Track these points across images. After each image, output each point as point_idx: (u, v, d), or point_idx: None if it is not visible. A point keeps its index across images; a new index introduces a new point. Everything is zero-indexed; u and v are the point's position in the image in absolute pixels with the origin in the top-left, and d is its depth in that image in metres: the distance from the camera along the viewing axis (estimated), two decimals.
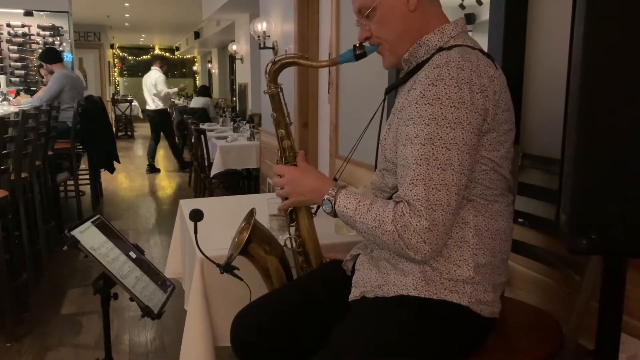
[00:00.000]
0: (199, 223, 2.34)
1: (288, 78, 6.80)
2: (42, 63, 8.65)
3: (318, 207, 2.21)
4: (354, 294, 2.09)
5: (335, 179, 2.35)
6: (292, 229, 2.43)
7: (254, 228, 2.35)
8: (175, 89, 14.65)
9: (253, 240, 2.35)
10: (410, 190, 1.78)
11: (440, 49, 1.93)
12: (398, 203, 1.83)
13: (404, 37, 2.01)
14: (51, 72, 8.32)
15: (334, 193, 2.03)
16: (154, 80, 12.48)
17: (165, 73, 12.85)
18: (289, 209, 2.37)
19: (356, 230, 1.97)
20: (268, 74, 2.30)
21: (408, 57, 2.03)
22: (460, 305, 1.89)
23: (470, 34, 2.04)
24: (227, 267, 2.30)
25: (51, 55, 8.50)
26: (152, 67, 12.77)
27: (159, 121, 12.35)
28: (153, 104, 12.62)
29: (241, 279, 2.32)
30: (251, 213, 2.44)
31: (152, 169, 12.71)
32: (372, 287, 2.02)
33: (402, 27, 2.01)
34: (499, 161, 1.90)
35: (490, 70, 1.86)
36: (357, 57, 2.14)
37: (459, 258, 1.89)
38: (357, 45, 2.12)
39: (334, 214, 2.04)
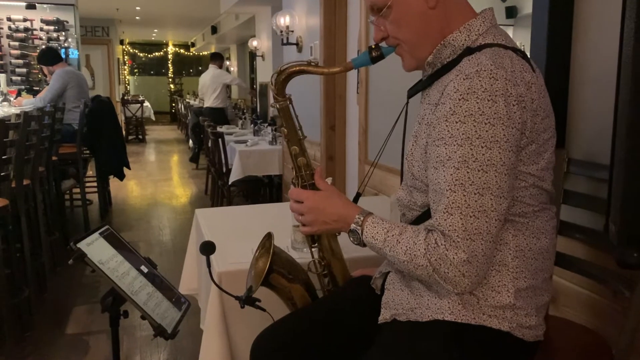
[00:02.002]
0: (217, 228, 2.34)
1: (313, 76, 6.81)
2: (41, 66, 8.68)
3: None
4: (384, 316, 2.08)
5: (359, 194, 2.35)
6: (315, 251, 2.43)
7: (274, 256, 2.33)
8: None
9: (274, 269, 2.33)
10: (445, 220, 1.74)
11: (468, 49, 1.88)
12: (430, 232, 1.80)
13: (424, 37, 1.96)
14: (52, 73, 8.31)
15: (360, 221, 2.00)
16: (214, 76, 12.92)
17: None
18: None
19: (387, 261, 1.96)
20: (275, 85, 2.28)
21: (432, 59, 1.98)
22: (500, 331, 1.86)
23: (511, 29, 2.02)
24: (247, 300, 2.27)
25: (50, 56, 8.47)
26: (210, 65, 13.12)
27: (214, 120, 12.33)
28: (211, 101, 12.99)
29: (264, 310, 2.30)
30: (269, 237, 2.42)
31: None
32: (403, 310, 2.01)
33: (421, 26, 1.95)
34: (539, 174, 1.86)
35: (526, 75, 1.80)
36: (374, 60, 2.11)
37: (497, 283, 1.86)
38: (373, 46, 2.10)
39: (362, 244, 2.02)
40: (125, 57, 29.35)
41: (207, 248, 2.37)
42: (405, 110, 2.23)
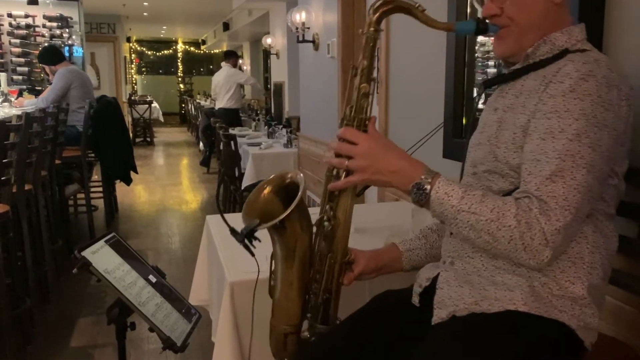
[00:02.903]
0: (229, 236, 2.26)
1: (330, 74, 6.81)
2: (43, 66, 8.69)
3: (364, 188, 2.17)
4: (439, 315, 2.08)
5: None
6: (328, 207, 2.24)
7: (301, 200, 2.19)
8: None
9: (297, 210, 2.18)
10: (547, 186, 1.79)
11: (567, 51, 1.98)
12: (521, 198, 1.83)
13: (537, 27, 2.05)
14: (54, 73, 8.29)
15: (430, 177, 1.93)
16: (228, 75, 13.00)
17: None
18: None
19: (454, 223, 1.90)
20: (374, 11, 2.13)
21: (531, 51, 2.06)
22: (568, 329, 1.91)
23: None
24: (249, 234, 2.14)
25: (52, 56, 8.46)
26: (223, 64, 13.20)
27: (228, 121, 12.30)
28: (224, 101, 13.03)
29: (252, 255, 2.19)
30: (288, 175, 2.34)
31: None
32: (465, 305, 2.01)
33: (540, 15, 2.04)
34: (621, 177, 1.97)
35: (627, 81, 1.91)
36: (478, 32, 2.12)
37: (573, 275, 1.92)
38: (481, 18, 2.11)
39: (425, 202, 1.95)
40: (133, 55, 29.44)
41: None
42: (482, 100, 2.27)
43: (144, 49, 30.96)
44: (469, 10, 3.82)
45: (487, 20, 2.10)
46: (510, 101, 2.05)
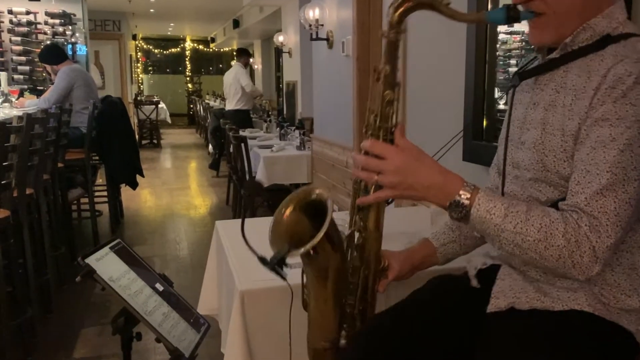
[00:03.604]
0: (239, 242, 2.24)
1: (345, 73, 6.81)
2: (45, 65, 8.71)
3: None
4: (498, 304, 2.09)
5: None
6: (358, 219, 2.22)
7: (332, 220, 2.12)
8: (261, 90, 15.22)
9: (330, 231, 2.11)
10: (597, 201, 1.78)
11: (608, 37, 1.93)
12: (568, 212, 1.82)
13: (577, 13, 1.97)
14: (57, 72, 8.31)
15: (469, 193, 1.92)
16: (236, 75, 13.04)
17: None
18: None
19: (497, 240, 1.91)
20: (396, 11, 2.01)
21: (570, 40, 1.99)
22: (629, 333, 1.94)
23: None
24: (280, 262, 2.11)
25: (53, 55, 8.48)
26: (234, 63, 13.24)
27: (238, 123, 12.20)
28: (234, 102, 13.08)
29: (285, 279, 2.17)
30: (312, 192, 2.29)
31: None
32: (527, 298, 2.02)
33: (581, 1, 1.96)
34: None
35: None
36: (509, 20, 2.00)
37: (628, 287, 1.93)
38: (512, 6, 2.01)
39: (465, 219, 1.94)
40: (139, 53, 29.49)
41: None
42: (512, 96, 2.20)
43: (151, 47, 31.04)
44: None
45: (518, 7, 2.01)
46: (552, 97, 2.00)
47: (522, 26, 3.26)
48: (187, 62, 31.65)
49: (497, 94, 3.79)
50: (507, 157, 2.20)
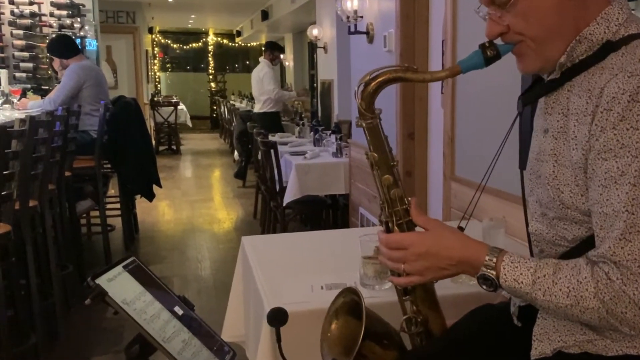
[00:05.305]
0: (268, 260, 2.29)
1: None
2: (53, 57, 8.66)
3: None
4: (542, 350, 2.08)
5: (461, 228, 2.30)
6: (407, 304, 2.31)
7: (367, 318, 2.19)
8: (294, 93, 15.08)
9: (369, 336, 2.18)
10: (622, 248, 1.76)
11: (609, 44, 1.90)
12: (597, 265, 1.82)
13: (557, 32, 1.96)
14: (66, 67, 8.29)
15: (493, 263, 1.98)
16: (259, 75, 13.05)
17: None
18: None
19: (533, 304, 1.97)
20: (361, 98, 2.19)
21: (565, 59, 1.98)
22: None
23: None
24: None
25: (65, 47, 8.47)
26: (261, 59, 13.32)
27: (267, 127, 11.95)
28: (261, 104, 13.13)
29: None
30: (348, 292, 2.35)
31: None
32: (576, 342, 2.01)
33: (555, 19, 1.95)
34: None
35: None
36: (489, 61, 2.07)
37: None
38: (487, 44, 2.06)
39: (496, 290, 2.01)
40: (156, 49, 29.63)
41: (278, 317, 2.34)
42: (519, 121, 2.22)
43: (169, 41, 31.22)
44: None
45: (495, 42, 2.05)
46: (560, 122, 1.99)
47: None
48: (210, 59, 31.79)
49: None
50: (525, 191, 2.23)
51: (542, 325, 2.10)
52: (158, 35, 30.01)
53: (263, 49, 13.51)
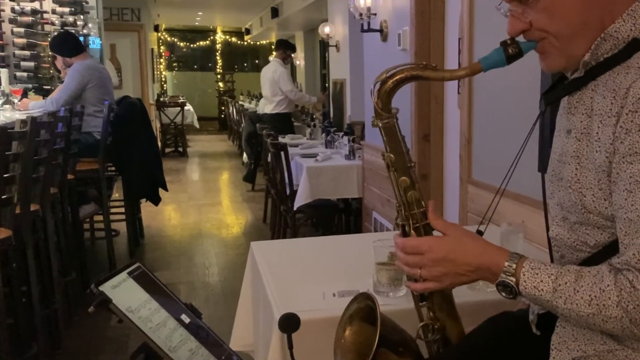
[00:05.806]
0: (278, 266, 2.29)
1: None
2: (56, 55, 8.63)
3: None
4: (559, 359, 2.08)
5: (480, 232, 2.29)
6: (424, 310, 2.32)
7: (382, 326, 2.18)
8: (315, 99, 15.06)
9: (384, 343, 2.18)
10: None
11: (635, 42, 1.89)
12: (621, 273, 1.81)
13: (582, 29, 1.95)
14: (69, 66, 8.29)
15: (513, 270, 1.98)
16: (274, 76, 13.01)
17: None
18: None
19: (554, 312, 1.97)
20: (378, 97, 2.21)
21: (589, 58, 1.96)
22: None
23: None
24: None
25: (69, 44, 8.45)
26: (272, 58, 13.24)
27: (277, 128, 11.90)
28: (272, 105, 13.08)
29: None
30: (363, 298, 2.34)
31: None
32: (595, 351, 2.00)
33: (580, 15, 1.94)
34: None
35: None
36: (510, 59, 2.06)
37: None
38: (509, 41, 2.05)
39: (516, 297, 2.00)
40: (162, 47, 29.69)
41: (289, 323, 2.33)
42: (541, 121, 2.23)
43: (176, 39, 31.26)
44: None
45: (517, 39, 2.04)
46: (583, 123, 1.98)
47: None
48: (218, 57, 31.83)
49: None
50: (546, 194, 2.22)
51: (561, 334, 2.09)
52: (164, 33, 30.05)
53: (274, 47, 13.46)
